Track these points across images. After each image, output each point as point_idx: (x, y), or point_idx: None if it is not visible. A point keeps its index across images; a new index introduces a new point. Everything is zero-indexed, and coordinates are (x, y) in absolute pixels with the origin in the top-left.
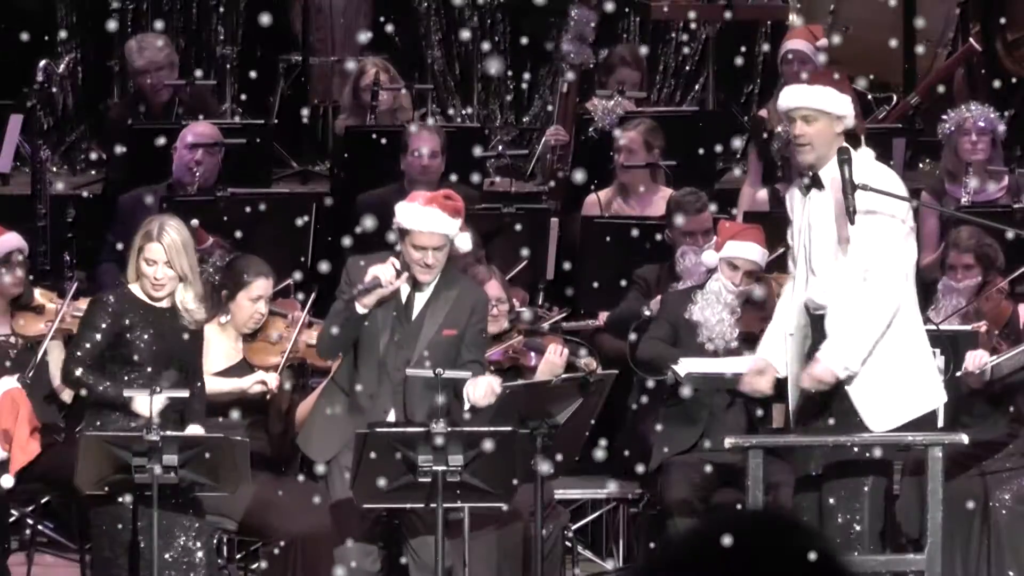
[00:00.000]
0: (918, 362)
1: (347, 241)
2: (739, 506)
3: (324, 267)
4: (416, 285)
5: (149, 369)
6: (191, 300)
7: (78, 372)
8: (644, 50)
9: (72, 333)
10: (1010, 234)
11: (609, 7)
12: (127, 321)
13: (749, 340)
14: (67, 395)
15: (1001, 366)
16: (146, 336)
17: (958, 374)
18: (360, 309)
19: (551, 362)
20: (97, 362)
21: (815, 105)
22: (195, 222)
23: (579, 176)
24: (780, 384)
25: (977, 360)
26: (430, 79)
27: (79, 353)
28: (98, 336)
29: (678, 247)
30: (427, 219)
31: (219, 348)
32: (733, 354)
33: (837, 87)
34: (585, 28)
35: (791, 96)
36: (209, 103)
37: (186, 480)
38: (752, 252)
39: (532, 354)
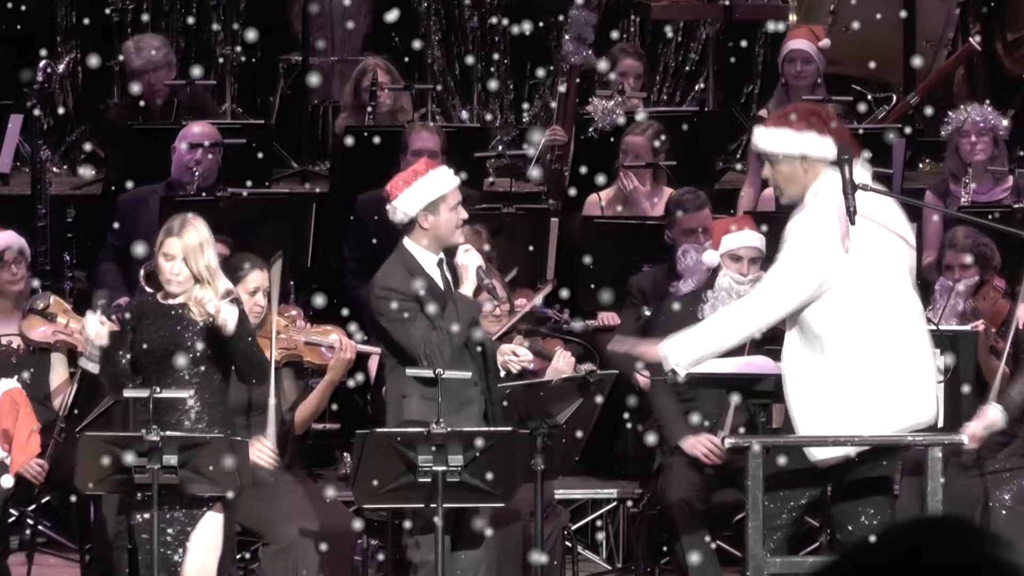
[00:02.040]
0: (879, 389)
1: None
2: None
3: (320, 301)
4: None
5: (160, 364)
6: (209, 300)
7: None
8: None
9: (73, 346)
10: (942, 217)
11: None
12: (139, 320)
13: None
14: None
15: (1016, 405)
16: (153, 338)
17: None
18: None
19: (557, 369)
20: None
21: (770, 149)
22: None
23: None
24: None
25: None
26: (430, 79)
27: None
28: (120, 351)
29: (679, 247)
30: (450, 177)
31: None
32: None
33: (794, 127)
34: (585, 28)
35: (754, 138)
36: (209, 103)
37: (186, 480)
38: (750, 239)
39: (533, 357)
